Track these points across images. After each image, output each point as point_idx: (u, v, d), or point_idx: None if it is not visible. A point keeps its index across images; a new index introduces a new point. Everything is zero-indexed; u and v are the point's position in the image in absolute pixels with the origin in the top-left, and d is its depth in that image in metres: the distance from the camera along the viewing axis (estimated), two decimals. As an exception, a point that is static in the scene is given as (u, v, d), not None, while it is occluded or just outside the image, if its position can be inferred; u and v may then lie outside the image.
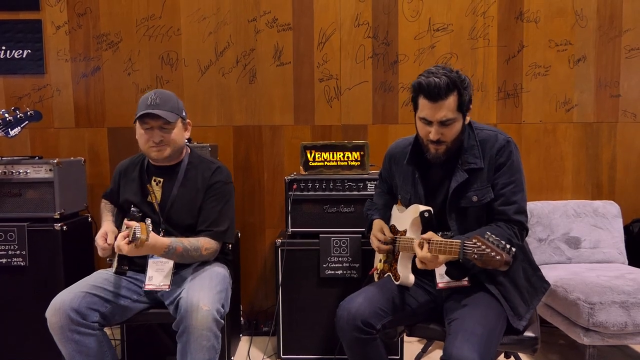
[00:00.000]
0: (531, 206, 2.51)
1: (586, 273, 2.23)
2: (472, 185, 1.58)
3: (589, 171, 2.71)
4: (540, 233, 2.48)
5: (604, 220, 2.50)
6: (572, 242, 2.47)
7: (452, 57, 2.66)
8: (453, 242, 1.38)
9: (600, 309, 1.93)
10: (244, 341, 2.60)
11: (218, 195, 1.81)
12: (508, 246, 1.23)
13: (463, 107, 1.53)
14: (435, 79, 1.47)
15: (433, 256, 1.44)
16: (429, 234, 1.49)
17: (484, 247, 1.26)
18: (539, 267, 1.71)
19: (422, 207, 1.57)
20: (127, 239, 1.54)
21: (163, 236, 1.69)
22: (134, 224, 1.54)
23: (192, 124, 1.93)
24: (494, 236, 1.27)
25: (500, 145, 1.57)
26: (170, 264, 1.74)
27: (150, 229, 1.55)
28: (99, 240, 1.73)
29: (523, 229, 1.59)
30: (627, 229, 2.59)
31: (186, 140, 1.86)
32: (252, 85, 2.71)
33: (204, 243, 1.73)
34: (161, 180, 1.82)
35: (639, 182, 2.71)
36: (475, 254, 1.26)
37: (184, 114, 1.82)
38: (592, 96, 2.68)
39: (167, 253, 1.64)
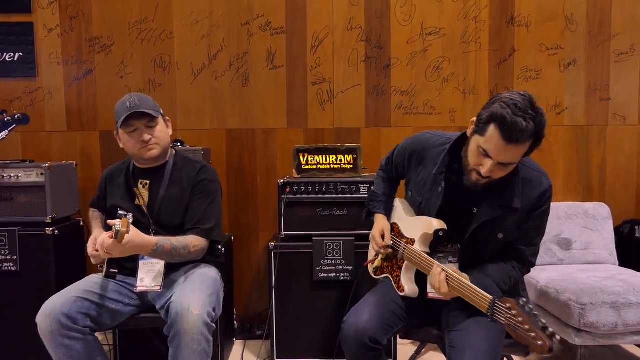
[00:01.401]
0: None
1: (577, 274, 2.25)
2: (503, 223, 1.47)
3: (579, 173, 2.74)
4: (532, 235, 2.50)
5: (594, 221, 2.53)
6: (564, 244, 2.49)
7: (444, 61, 2.68)
8: (482, 294, 1.27)
9: (591, 309, 1.95)
10: (237, 345, 2.59)
11: (204, 193, 1.80)
12: (552, 331, 1.08)
13: (529, 153, 1.40)
14: (523, 122, 1.29)
15: (450, 292, 1.39)
16: (452, 270, 1.40)
17: (520, 319, 1.13)
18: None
19: (437, 225, 1.50)
20: (110, 234, 1.53)
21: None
22: (116, 220, 1.53)
23: (185, 127, 1.93)
24: (530, 306, 1.15)
25: (544, 190, 1.47)
26: (161, 265, 1.73)
27: (131, 221, 1.54)
28: (89, 248, 1.73)
29: (529, 271, 1.59)
30: (617, 230, 2.61)
31: (175, 143, 1.86)
32: (245, 88, 2.71)
33: (192, 241, 1.73)
34: (147, 182, 1.82)
35: (628, 184, 2.74)
36: (510, 323, 1.15)
37: (161, 111, 1.83)
38: (582, 100, 2.71)
39: (155, 252, 1.63)
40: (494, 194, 1.46)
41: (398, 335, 1.74)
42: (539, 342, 1.08)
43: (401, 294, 1.59)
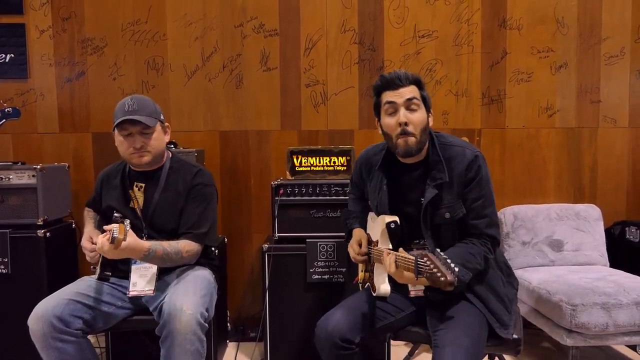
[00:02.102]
0: (515, 210, 2.55)
1: (569, 275, 2.27)
2: (443, 201, 1.57)
3: (571, 175, 2.76)
4: (524, 236, 2.52)
5: (585, 223, 2.55)
6: (555, 245, 2.51)
7: (437, 63, 2.70)
8: (410, 258, 1.33)
9: (582, 310, 1.97)
10: (230, 347, 2.58)
11: (199, 197, 1.79)
12: (453, 265, 1.20)
13: (425, 99, 1.59)
14: (396, 71, 1.58)
15: (398, 270, 1.41)
16: (400, 250, 1.45)
17: (432, 266, 1.23)
18: (523, 269, 1.72)
19: (389, 218, 1.56)
20: (107, 237, 1.52)
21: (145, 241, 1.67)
22: (113, 226, 1.52)
23: (179, 129, 1.93)
24: (443, 255, 1.25)
25: (469, 160, 1.56)
26: (153, 269, 1.72)
27: (128, 229, 1.53)
28: (85, 243, 1.72)
29: (495, 243, 1.59)
30: (608, 231, 2.64)
31: (169, 145, 1.84)
32: (239, 90, 2.71)
33: (185, 245, 1.72)
34: (143, 185, 1.81)
35: (619, 186, 2.77)
36: (427, 272, 1.23)
37: (162, 117, 1.81)
38: (573, 102, 2.74)
39: (147, 256, 1.62)
40: (428, 179, 1.58)
41: (390, 337, 1.75)
42: (442, 278, 1.19)
43: (374, 294, 1.61)
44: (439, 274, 1.20)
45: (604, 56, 2.72)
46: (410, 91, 1.56)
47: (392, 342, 2.25)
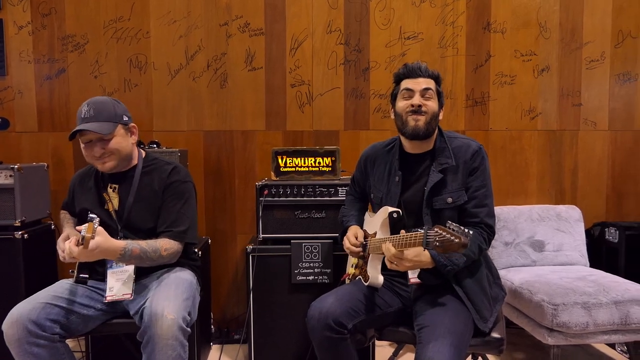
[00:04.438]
0: (498, 211, 2.58)
1: (550, 275, 2.30)
2: (447, 186, 1.63)
3: (552, 177, 2.80)
4: (506, 237, 2.55)
5: (566, 224, 2.59)
6: (537, 246, 2.55)
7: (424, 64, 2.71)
8: (417, 233, 1.39)
9: (563, 309, 2.00)
10: (214, 350, 2.55)
11: (176, 194, 1.76)
12: (466, 230, 1.26)
13: (439, 93, 1.69)
14: (418, 63, 1.69)
15: (398, 251, 1.47)
16: (401, 232, 1.50)
17: (444, 233, 1.28)
18: (505, 269, 1.75)
19: (391, 209, 1.60)
20: (75, 242, 1.49)
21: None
22: (84, 226, 1.49)
23: (162, 128, 1.90)
24: (455, 224, 1.30)
25: (474, 150, 1.66)
26: (130, 271, 1.68)
27: (97, 227, 1.49)
28: (60, 243, 1.68)
29: (492, 233, 1.65)
30: (588, 232, 2.69)
31: (151, 144, 1.80)
32: (224, 90, 2.69)
33: (164, 244, 1.68)
34: (117, 186, 1.77)
35: (599, 188, 2.83)
36: (437, 241, 1.29)
37: (125, 118, 1.73)
38: (555, 105, 2.78)
39: (123, 256, 1.58)
40: (434, 165, 1.66)
41: (375, 337, 1.76)
42: (456, 240, 1.25)
43: (365, 284, 1.65)
44: (452, 237, 1.26)
45: (585, 60, 2.77)
46: (428, 82, 1.67)
47: (376, 342, 2.25)
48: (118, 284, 1.67)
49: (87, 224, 1.48)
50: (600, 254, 2.64)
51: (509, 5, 2.72)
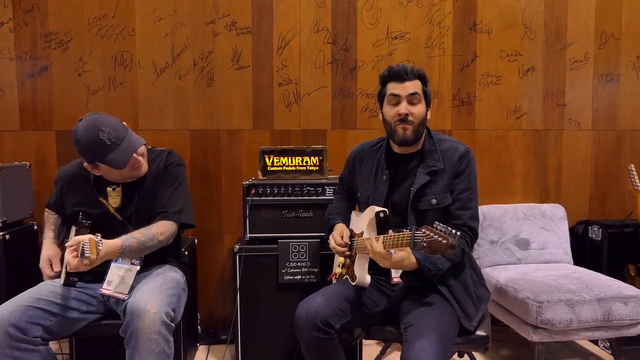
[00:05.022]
0: (484, 209, 2.60)
1: (534, 273, 2.33)
2: (433, 188, 1.64)
3: (537, 176, 2.84)
4: (492, 235, 2.57)
5: (551, 222, 2.62)
6: (522, 244, 2.58)
7: (410, 64, 2.71)
8: (404, 233, 1.41)
9: (547, 307, 2.02)
10: (201, 350, 2.54)
11: (170, 177, 1.79)
12: (454, 231, 1.27)
13: (426, 94, 1.68)
14: (404, 66, 1.66)
15: (387, 252, 1.47)
16: (389, 232, 1.51)
17: (431, 234, 1.29)
18: (491, 267, 1.77)
19: (378, 208, 1.61)
20: (75, 252, 1.47)
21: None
22: (81, 238, 1.47)
23: (147, 127, 1.90)
24: (442, 225, 1.31)
25: (462, 153, 1.67)
26: (133, 272, 1.67)
27: (100, 244, 1.48)
28: (44, 268, 1.68)
29: (475, 236, 1.67)
30: (572, 230, 2.73)
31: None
32: (210, 88, 2.67)
33: (158, 229, 1.68)
34: (119, 186, 1.76)
35: (582, 187, 2.87)
36: (425, 242, 1.30)
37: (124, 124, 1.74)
38: (540, 105, 2.82)
39: (122, 253, 1.58)
40: (422, 167, 1.67)
41: (362, 336, 1.76)
42: (444, 241, 1.26)
43: (353, 284, 1.65)
44: (440, 238, 1.27)
45: (569, 61, 2.81)
46: (414, 86, 1.65)
47: (364, 341, 2.26)
48: (117, 280, 1.66)
49: (88, 239, 1.46)
50: (584, 252, 2.68)
51: (495, 6, 2.75)
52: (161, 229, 1.68)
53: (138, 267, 1.69)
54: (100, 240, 1.49)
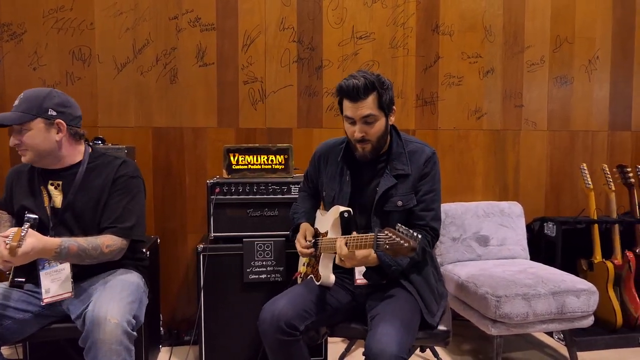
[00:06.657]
0: (446, 207, 2.67)
1: (493, 269, 2.41)
2: (399, 190, 1.67)
3: (496, 174, 2.93)
4: (454, 232, 2.64)
5: (509, 219, 2.72)
6: (482, 240, 2.66)
7: (374, 64, 2.76)
8: (368, 235, 1.43)
9: (505, 301, 2.10)
10: (163, 352, 2.48)
11: (123, 189, 1.69)
12: (415, 234, 1.29)
13: (383, 106, 1.61)
14: (354, 80, 1.57)
15: (350, 252, 1.49)
16: (353, 233, 1.53)
17: (394, 236, 1.31)
18: (452, 263, 1.81)
19: (342, 208, 1.62)
20: (4, 244, 1.40)
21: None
22: (10, 230, 1.41)
23: (107, 124, 1.82)
24: (404, 227, 1.33)
25: (427, 156, 1.69)
26: (66, 269, 1.60)
27: (25, 233, 1.41)
28: None
29: (436, 236, 1.71)
30: (528, 227, 2.84)
31: (95, 141, 1.72)
32: (174, 85, 2.61)
33: (105, 240, 1.60)
34: (59, 183, 1.69)
35: (538, 185, 2.99)
36: (387, 244, 1.32)
37: (51, 112, 1.63)
38: (499, 106, 2.91)
39: (59, 254, 1.50)
40: (389, 169, 1.68)
41: (327, 334, 1.77)
42: (406, 244, 1.28)
43: (317, 283, 1.66)
44: (402, 241, 1.29)
45: (527, 63, 2.92)
46: (368, 106, 1.58)
47: (329, 338, 2.27)
48: (54, 284, 1.59)
49: (15, 229, 1.40)
50: (540, 248, 2.79)
51: (457, 8, 2.82)
52: (108, 242, 1.61)
53: (68, 264, 1.62)
54: (28, 231, 1.42)
